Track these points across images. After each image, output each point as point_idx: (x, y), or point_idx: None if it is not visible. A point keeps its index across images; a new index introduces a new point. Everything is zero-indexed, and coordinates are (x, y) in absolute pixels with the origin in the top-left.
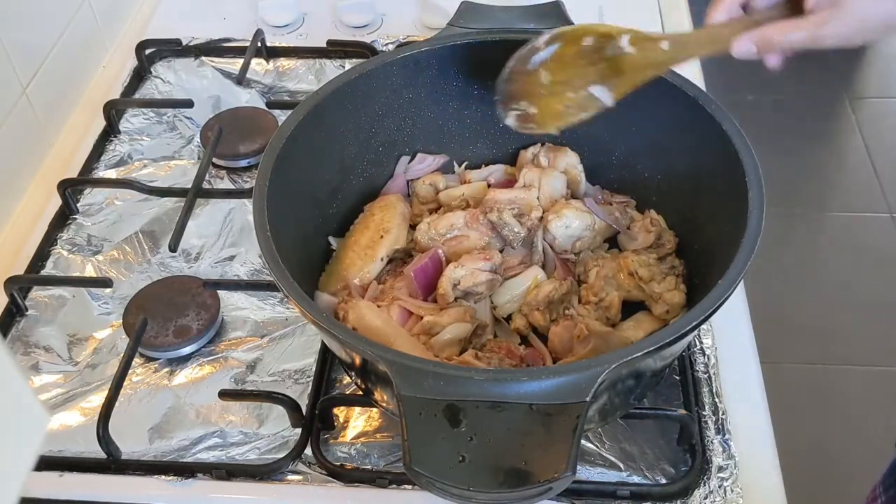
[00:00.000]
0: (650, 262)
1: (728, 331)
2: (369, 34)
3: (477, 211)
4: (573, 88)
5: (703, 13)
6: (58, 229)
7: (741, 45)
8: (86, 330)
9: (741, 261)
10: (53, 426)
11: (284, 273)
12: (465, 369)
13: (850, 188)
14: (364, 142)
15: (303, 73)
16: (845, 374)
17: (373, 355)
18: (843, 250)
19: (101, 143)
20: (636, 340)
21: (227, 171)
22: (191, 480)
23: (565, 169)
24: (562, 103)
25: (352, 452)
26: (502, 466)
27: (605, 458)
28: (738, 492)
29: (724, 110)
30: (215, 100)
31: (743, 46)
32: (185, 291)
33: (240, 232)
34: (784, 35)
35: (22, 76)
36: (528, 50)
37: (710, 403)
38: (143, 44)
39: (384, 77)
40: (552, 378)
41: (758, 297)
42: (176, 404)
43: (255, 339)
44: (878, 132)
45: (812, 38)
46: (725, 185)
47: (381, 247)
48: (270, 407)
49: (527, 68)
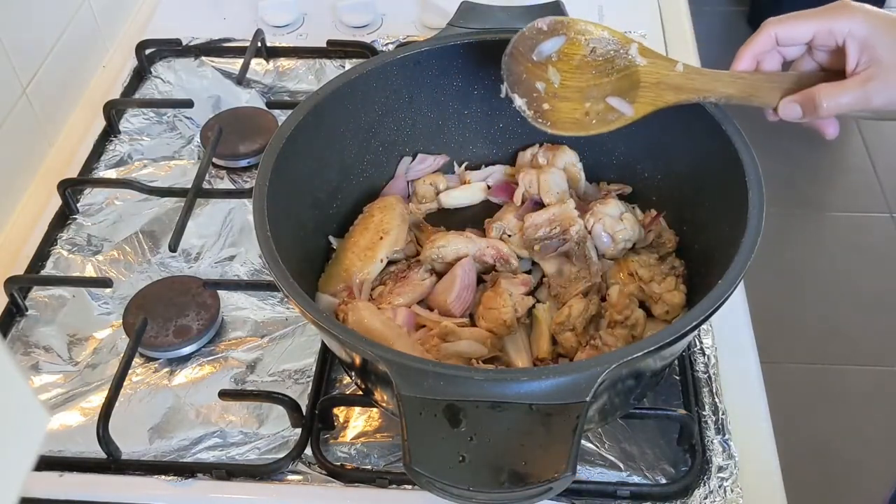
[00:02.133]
0: (650, 263)
1: (728, 331)
2: (369, 34)
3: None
4: (590, 99)
5: (703, 13)
6: (58, 229)
7: (788, 105)
8: (86, 330)
9: (741, 261)
10: (53, 426)
11: (284, 273)
12: (465, 369)
13: (850, 188)
14: (364, 142)
15: (303, 73)
16: (845, 374)
17: (373, 355)
18: (843, 250)
19: (101, 143)
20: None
21: (227, 171)
22: (191, 480)
23: (564, 167)
24: (580, 111)
25: (352, 452)
26: (502, 466)
27: (605, 458)
28: (738, 492)
29: (725, 110)
30: (215, 100)
31: (788, 107)
32: (185, 291)
33: (240, 232)
34: (831, 97)
35: (22, 76)
36: (531, 30)
37: (710, 403)
38: (143, 44)
39: (384, 77)
40: (552, 378)
41: (758, 297)
42: (176, 404)
43: (255, 339)
44: (878, 132)
45: (859, 100)
46: (725, 185)
47: (380, 248)
48: (270, 407)
49: (532, 56)
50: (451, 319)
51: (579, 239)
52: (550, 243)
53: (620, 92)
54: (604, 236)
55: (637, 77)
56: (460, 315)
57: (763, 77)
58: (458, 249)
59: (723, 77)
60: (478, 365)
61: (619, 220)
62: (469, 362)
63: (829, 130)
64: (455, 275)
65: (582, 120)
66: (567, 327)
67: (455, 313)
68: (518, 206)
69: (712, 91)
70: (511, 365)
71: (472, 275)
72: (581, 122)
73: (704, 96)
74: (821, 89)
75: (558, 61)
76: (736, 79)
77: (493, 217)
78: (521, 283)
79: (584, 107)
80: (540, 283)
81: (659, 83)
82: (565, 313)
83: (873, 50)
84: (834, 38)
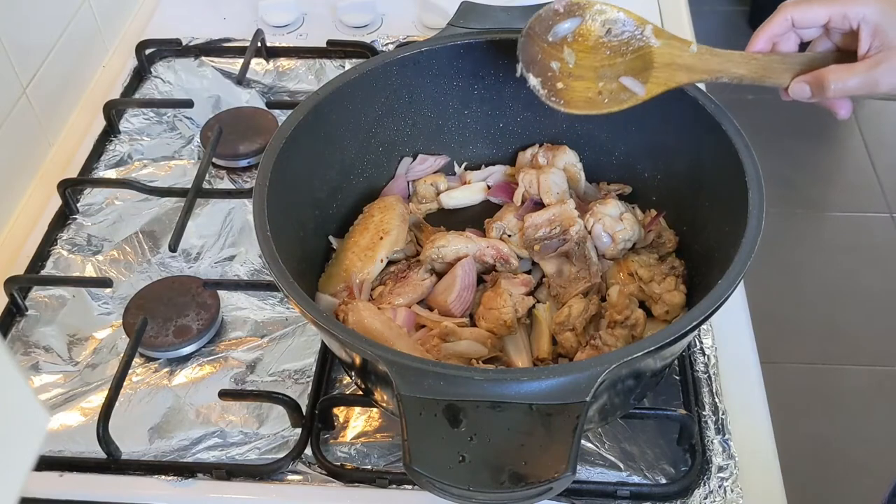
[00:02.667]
0: (650, 263)
1: (728, 331)
2: (369, 34)
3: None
4: (604, 78)
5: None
6: (58, 229)
7: (797, 85)
8: (86, 330)
9: (741, 261)
10: (53, 426)
11: (284, 273)
12: (465, 369)
13: (850, 188)
14: (364, 142)
15: (303, 73)
16: (845, 374)
17: (373, 355)
18: (843, 250)
19: (101, 143)
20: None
21: (227, 171)
22: (191, 480)
23: (564, 167)
24: (593, 90)
25: (352, 452)
26: (502, 466)
27: (605, 458)
28: (738, 492)
29: (724, 110)
30: (215, 100)
31: (797, 87)
32: (185, 291)
33: (240, 232)
34: (839, 79)
35: (22, 76)
36: (547, 11)
37: (710, 403)
38: (143, 44)
39: (384, 77)
40: (552, 378)
41: (758, 297)
42: (176, 404)
43: (255, 339)
44: (878, 132)
45: (867, 83)
46: (725, 185)
47: (380, 248)
48: (270, 407)
49: (547, 37)
50: (451, 319)
51: (579, 239)
52: (550, 243)
53: (634, 72)
54: (604, 236)
55: (651, 58)
56: (460, 315)
57: (776, 58)
58: (458, 249)
59: (735, 58)
60: (478, 365)
61: (618, 220)
62: (469, 362)
63: (842, 111)
64: (455, 275)
65: (595, 99)
66: (567, 327)
67: (455, 313)
68: (518, 206)
69: (724, 71)
70: (511, 365)
71: (472, 275)
72: (594, 101)
73: (717, 77)
74: (830, 71)
75: (573, 42)
76: (749, 60)
77: (493, 217)
78: (521, 283)
79: (598, 86)
80: (540, 283)
81: (672, 63)
82: (565, 313)
83: (885, 35)
84: (848, 22)
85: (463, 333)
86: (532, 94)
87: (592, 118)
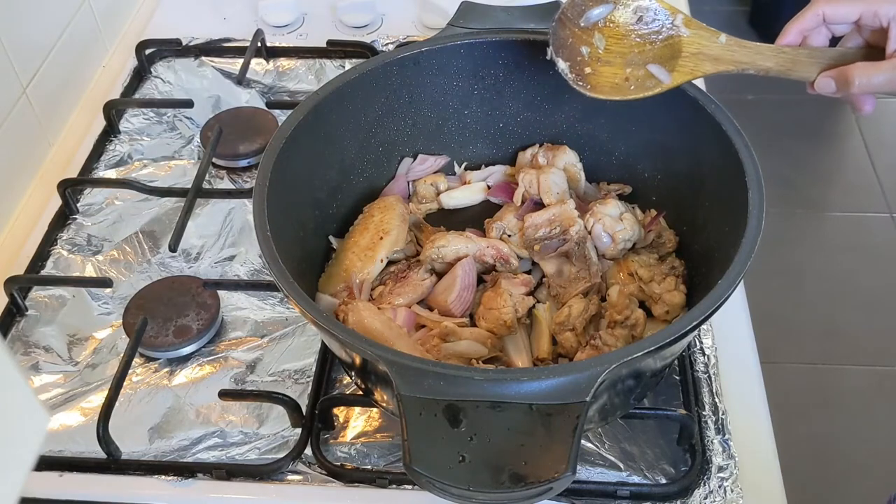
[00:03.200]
0: (650, 263)
1: (728, 331)
2: (369, 34)
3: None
4: (631, 65)
5: (703, 13)
6: (58, 229)
7: (823, 80)
8: (86, 330)
9: (741, 261)
10: (53, 426)
11: (284, 273)
12: (465, 369)
13: (850, 188)
14: (364, 142)
15: (303, 73)
16: (845, 374)
17: (373, 355)
18: (843, 250)
19: (101, 143)
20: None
21: (227, 171)
22: (191, 480)
23: (564, 167)
24: (620, 76)
25: (352, 452)
26: (502, 466)
27: (605, 458)
28: (738, 492)
29: (724, 110)
30: (215, 100)
31: (823, 81)
32: (185, 291)
33: (240, 232)
34: (864, 75)
35: (22, 76)
36: None
37: (710, 403)
38: (143, 44)
39: (384, 77)
40: (552, 378)
41: (758, 297)
42: (176, 404)
43: (255, 339)
44: (878, 132)
45: (891, 81)
46: (725, 185)
47: (380, 248)
48: (270, 407)
49: (579, 22)
50: (451, 319)
51: (579, 239)
52: (550, 243)
53: (661, 60)
54: (604, 236)
55: (679, 47)
56: (460, 315)
57: (805, 52)
58: (458, 249)
59: (764, 50)
60: (478, 365)
61: (618, 220)
62: (469, 362)
63: (866, 107)
64: (455, 275)
65: (621, 85)
66: (567, 327)
67: (455, 313)
68: (518, 206)
69: (751, 63)
70: (511, 365)
71: (472, 275)
72: (620, 87)
73: (743, 68)
74: (856, 67)
75: (604, 27)
76: (778, 53)
77: (493, 217)
78: (521, 283)
79: (625, 72)
80: (540, 283)
81: (699, 53)
82: (565, 313)
83: None
84: (879, 20)
85: (463, 333)
86: (532, 94)
87: (593, 118)
